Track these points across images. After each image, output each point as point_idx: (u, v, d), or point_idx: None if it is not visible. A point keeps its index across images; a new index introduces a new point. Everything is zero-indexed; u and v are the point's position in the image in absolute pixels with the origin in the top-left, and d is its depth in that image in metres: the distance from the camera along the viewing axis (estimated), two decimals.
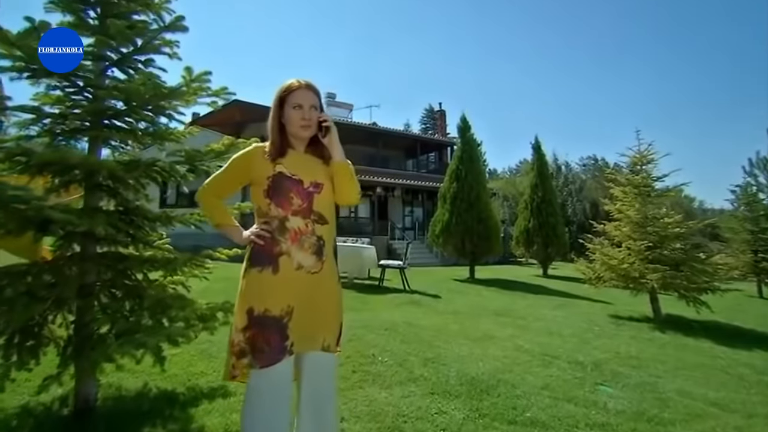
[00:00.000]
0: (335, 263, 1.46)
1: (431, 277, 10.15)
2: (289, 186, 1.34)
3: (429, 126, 51.23)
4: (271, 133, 1.41)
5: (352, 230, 16.09)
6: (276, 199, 1.33)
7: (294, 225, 1.32)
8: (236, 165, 1.43)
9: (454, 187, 10.14)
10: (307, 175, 1.38)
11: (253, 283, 1.31)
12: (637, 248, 5.58)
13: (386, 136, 20.21)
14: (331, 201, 1.44)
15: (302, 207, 1.34)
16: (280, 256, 1.30)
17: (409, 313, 5.35)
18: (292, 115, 1.37)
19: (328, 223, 1.39)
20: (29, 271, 1.64)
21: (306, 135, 1.39)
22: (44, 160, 1.58)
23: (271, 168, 1.35)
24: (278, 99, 1.39)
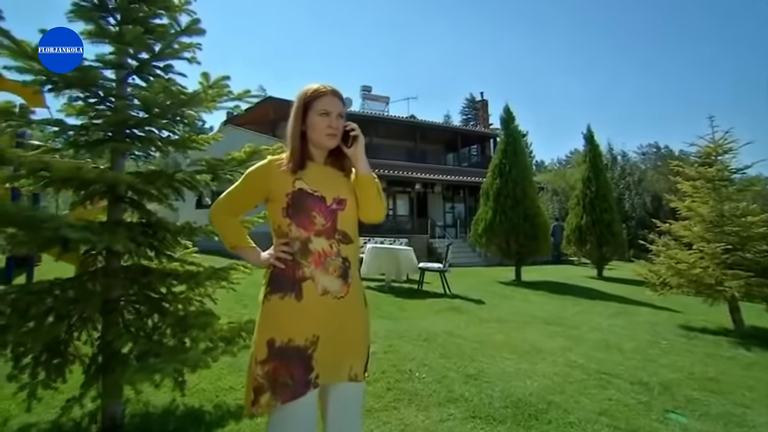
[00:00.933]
0: (361, 284, 1.37)
1: (474, 278, 9.84)
2: (310, 204, 1.26)
3: (470, 117, 50.08)
4: (291, 141, 1.31)
5: (391, 229, 15.98)
6: (297, 218, 1.25)
7: (317, 247, 1.24)
8: (251, 180, 1.34)
9: (498, 183, 9.73)
10: (330, 190, 1.29)
11: (275, 312, 1.24)
12: (711, 251, 5.01)
13: (425, 129, 19.90)
14: (355, 217, 1.34)
15: (326, 226, 1.26)
16: (304, 281, 1.22)
17: (450, 320, 5.15)
18: (318, 122, 1.28)
19: (352, 242, 1.31)
20: (51, 289, 1.64)
21: (331, 145, 1.31)
22: (62, 176, 1.57)
23: (289, 183, 1.27)
24: (302, 104, 1.30)
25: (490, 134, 21.41)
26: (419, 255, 14.84)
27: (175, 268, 2.14)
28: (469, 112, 52.64)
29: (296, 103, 1.32)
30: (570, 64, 73.60)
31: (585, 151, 11.84)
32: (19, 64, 1.62)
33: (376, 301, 6.09)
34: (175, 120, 2.01)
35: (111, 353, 1.74)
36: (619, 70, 72.92)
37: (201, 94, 1.88)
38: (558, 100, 77.00)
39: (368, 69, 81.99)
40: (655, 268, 5.82)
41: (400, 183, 17.44)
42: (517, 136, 10.21)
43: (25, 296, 1.54)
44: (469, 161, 22.44)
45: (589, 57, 73.99)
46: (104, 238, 1.60)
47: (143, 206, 2.09)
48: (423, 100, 77.41)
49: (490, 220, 9.63)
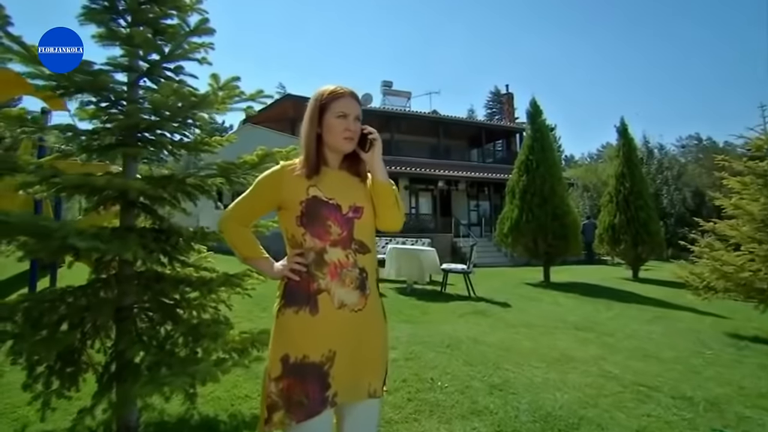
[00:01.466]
0: (379, 296, 1.33)
1: (500, 280, 9.63)
2: (326, 213, 1.22)
3: (495, 111, 49.28)
4: (305, 145, 1.27)
5: (413, 228, 15.88)
6: (311, 228, 1.22)
7: (333, 257, 1.21)
8: (263, 188, 1.31)
9: (524, 181, 9.47)
10: (346, 197, 1.25)
11: (289, 326, 1.21)
12: (764, 253, 4.68)
13: (448, 124, 19.67)
14: (372, 226, 1.31)
15: (342, 236, 1.22)
16: (319, 294, 1.20)
17: (474, 325, 5.03)
18: (335, 124, 1.25)
19: (369, 251, 1.27)
20: (63, 297, 1.66)
21: (348, 148, 1.27)
22: (71, 183, 1.57)
23: (303, 190, 1.23)
24: (318, 106, 1.26)
25: (516, 129, 20.96)
26: (443, 255, 14.77)
27: (188, 274, 2.14)
28: (493, 105, 51.84)
29: (312, 104, 1.28)
30: (601, 51, 71.18)
31: (618, 144, 11.37)
32: (30, 69, 1.64)
33: (398, 305, 6.02)
34: (186, 123, 2.00)
35: (124, 362, 1.74)
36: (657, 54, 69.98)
37: (211, 96, 1.85)
38: (588, 89, 74.62)
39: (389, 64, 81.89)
40: (698, 270, 5.50)
41: (423, 180, 17.31)
42: (544, 131, 9.90)
43: (37, 305, 1.55)
44: (494, 157, 22.05)
45: (623, 41, 71.33)
46: (114, 246, 1.59)
47: (155, 211, 2.09)
48: (446, 95, 76.74)
49: (516, 219, 9.38)
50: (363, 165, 1.32)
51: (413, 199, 17.74)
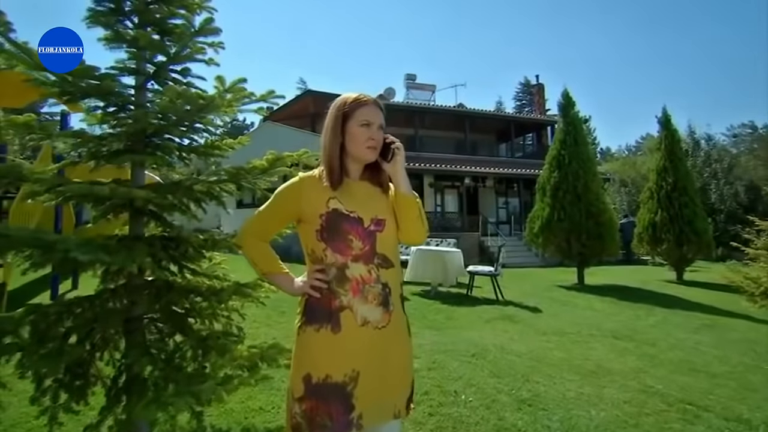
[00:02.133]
0: (403, 312, 1.33)
1: (530, 282, 9.37)
2: (347, 227, 1.22)
3: (525, 103, 48.26)
4: (328, 155, 1.26)
5: (438, 227, 15.73)
6: (332, 242, 1.22)
7: (355, 273, 1.21)
8: (281, 200, 1.31)
9: (556, 177, 9.15)
10: (367, 210, 1.25)
11: (310, 345, 1.21)
12: None
13: (474, 118, 19.34)
14: (395, 239, 1.31)
15: (364, 250, 1.22)
16: (341, 311, 1.20)
17: (502, 332, 4.87)
18: (358, 133, 1.25)
19: (393, 265, 1.27)
20: (71, 308, 1.66)
21: (371, 158, 1.27)
22: (76, 192, 1.57)
23: (323, 203, 1.23)
24: (341, 113, 1.26)
25: (546, 121, 20.39)
26: (470, 255, 14.65)
27: (199, 283, 2.12)
28: (523, 97, 50.80)
29: (334, 112, 1.28)
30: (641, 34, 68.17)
31: (660, 136, 10.82)
32: (36, 75, 1.64)
33: (421, 309, 5.93)
34: (194, 127, 1.98)
35: (131, 377, 1.73)
36: (703, 36, 66.42)
37: (217, 99, 1.82)
38: (626, 77, 71.69)
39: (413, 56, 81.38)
40: (754, 273, 5.14)
41: (449, 177, 17.12)
42: (577, 124, 9.54)
43: (43, 318, 1.56)
44: (524, 152, 21.55)
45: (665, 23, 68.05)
46: (119, 258, 1.58)
47: (165, 219, 2.08)
48: (472, 87, 75.53)
49: (547, 217, 9.09)
50: (385, 175, 1.31)
51: (438, 197, 17.58)
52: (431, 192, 17.14)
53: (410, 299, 6.62)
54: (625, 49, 71.43)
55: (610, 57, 73.80)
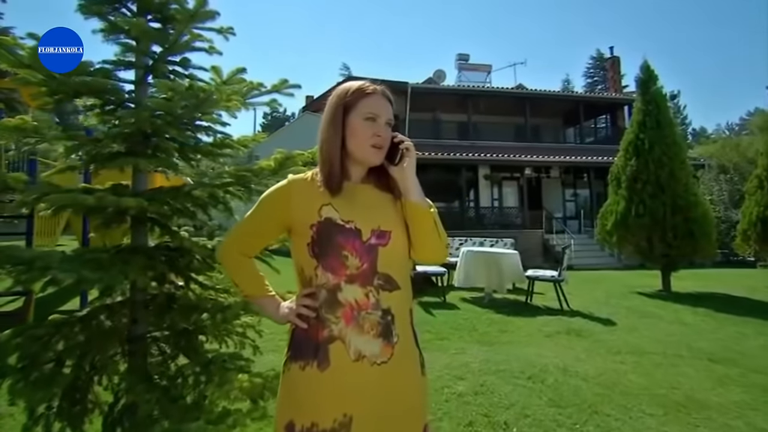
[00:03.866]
0: (414, 342, 1.20)
1: (603, 287, 8.73)
2: (340, 240, 1.10)
3: (598, 79, 45.68)
4: (325, 152, 1.15)
5: (496, 224, 15.25)
6: (324, 259, 1.11)
7: (349, 297, 1.09)
8: (267, 208, 1.20)
9: (633, 165, 8.40)
10: (368, 219, 1.13)
11: (295, 385, 1.10)
12: None
13: (536, 100, 18.49)
14: (404, 255, 1.18)
15: (361, 269, 1.10)
16: (330, 343, 1.08)
17: (566, 349, 4.50)
18: (361, 128, 1.14)
19: (399, 288, 1.14)
20: (60, 330, 1.63)
21: (375, 161, 1.16)
22: (61, 202, 1.53)
23: (314, 210, 1.12)
24: (341, 105, 1.15)
25: (623, 100, 19.04)
26: (532, 254, 14.08)
27: (205, 298, 2.06)
28: (595, 73, 48.15)
29: (333, 103, 1.17)
30: None
31: None
32: (21, 74, 1.62)
33: (471, 320, 5.67)
34: (195, 124, 1.91)
35: (128, 405, 1.69)
36: None
37: (214, 92, 1.72)
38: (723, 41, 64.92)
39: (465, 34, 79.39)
40: None
41: (507, 168, 16.53)
42: (660, 101, 8.68)
43: (31, 342, 1.54)
44: (596, 136, 20.32)
45: None
46: (108, 275, 1.53)
47: (168, 227, 2.03)
48: (533, 65, 72.24)
49: (623, 212, 8.38)
50: (393, 180, 1.19)
51: (495, 190, 17.04)
52: (487, 185, 16.64)
53: (459, 307, 6.39)
54: (721, 9, 64.68)
55: (701, 19, 67.29)
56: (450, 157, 15.21)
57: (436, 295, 6.94)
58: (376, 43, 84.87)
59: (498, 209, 16.59)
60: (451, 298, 6.98)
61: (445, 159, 15.19)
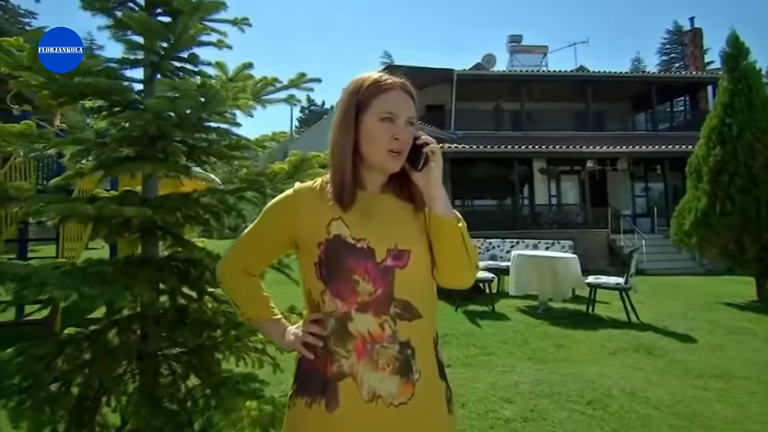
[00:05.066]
0: (440, 375, 1.13)
1: (681, 296, 8.19)
2: (351, 262, 1.03)
3: (675, 56, 43.11)
4: (337, 159, 1.08)
5: (553, 223, 14.73)
6: (332, 283, 1.05)
7: (361, 328, 1.03)
8: (273, 221, 1.15)
9: (718, 155, 7.76)
10: (384, 236, 1.06)
11: (300, 423, 1.06)
12: None
13: (600, 83, 17.64)
14: (426, 276, 1.11)
15: (374, 295, 1.03)
16: (340, 381, 1.03)
17: (634, 369, 4.21)
18: (377, 131, 1.06)
19: (420, 316, 1.06)
20: (63, 349, 1.66)
21: (393, 167, 1.08)
22: (62, 213, 1.55)
23: (322, 226, 1.05)
24: (353, 102, 1.08)
25: (705, 79, 17.78)
26: (596, 258, 13.49)
27: (219, 312, 2.05)
28: (671, 49, 45.47)
29: (345, 99, 1.10)
30: None
31: None
32: (22, 77, 1.66)
33: (523, 332, 5.45)
34: (204, 125, 1.89)
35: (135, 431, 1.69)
36: None
37: (220, 91, 1.69)
38: None
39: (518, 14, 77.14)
40: None
41: (566, 160, 15.94)
42: (752, 79, 7.96)
43: (32, 362, 1.56)
44: (672, 122, 19.13)
45: None
46: (109, 291, 1.53)
47: (180, 236, 2.04)
48: (597, 45, 68.85)
49: (704, 210, 7.78)
50: (415, 188, 1.11)
51: (552, 186, 16.50)
52: (543, 180, 16.12)
53: (510, 318, 6.18)
54: None
55: None
56: (501, 149, 14.81)
57: (484, 304, 6.75)
58: (420, 28, 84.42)
59: (556, 207, 16.02)
60: (500, 307, 6.77)
61: (495, 152, 14.84)
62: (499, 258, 8.51)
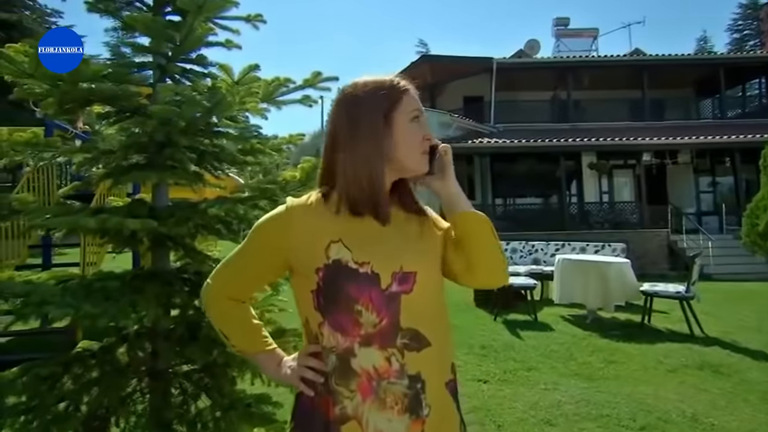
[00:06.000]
0: (455, 408, 1.09)
1: (754, 305, 7.76)
2: (353, 291, 0.98)
3: (749, 33, 40.78)
4: (367, 173, 1.02)
5: (605, 222, 14.22)
6: (331, 315, 1.00)
7: (366, 364, 0.98)
8: (262, 244, 1.08)
9: None
10: (389, 256, 1.01)
11: None
12: None
13: (658, 68, 16.98)
14: (435, 299, 1.08)
15: (379, 326, 0.98)
16: (344, 424, 0.99)
17: (697, 390, 3.99)
18: (411, 131, 1.05)
19: (430, 344, 1.02)
20: (69, 369, 1.69)
21: (426, 169, 1.08)
22: (64, 225, 1.59)
23: (321, 248, 1.00)
24: (378, 106, 1.04)
25: None
26: (654, 260, 13.01)
27: None
28: (744, 26, 43.02)
29: (366, 101, 1.05)
30: None
31: None
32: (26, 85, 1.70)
33: (569, 345, 5.28)
34: (214, 131, 1.90)
35: None
36: None
37: (226, 95, 1.68)
38: None
39: None
40: None
41: (619, 154, 15.47)
42: None
43: (36, 382, 1.60)
44: (743, 108, 18.22)
45: None
46: (113, 308, 1.55)
47: (191, 247, 2.06)
48: (654, 25, 65.94)
49: None
50: (409, 196, 1.12)
51: (604, 182, 16.02)
52: (593, 175, 15.66)
53: (554, 328, 6.01)
54: None
55: None
56: (546, 144, 14.51)
57: (526, 313, 6.58)
58: (456, 14, 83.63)
59: (608, 205, 15.52)
60: (544, 316, 6.60)
61: (539, 146, 14.55)
62: (543, 262, 8.28)
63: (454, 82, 17.60)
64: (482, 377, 4.23)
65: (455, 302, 7.33)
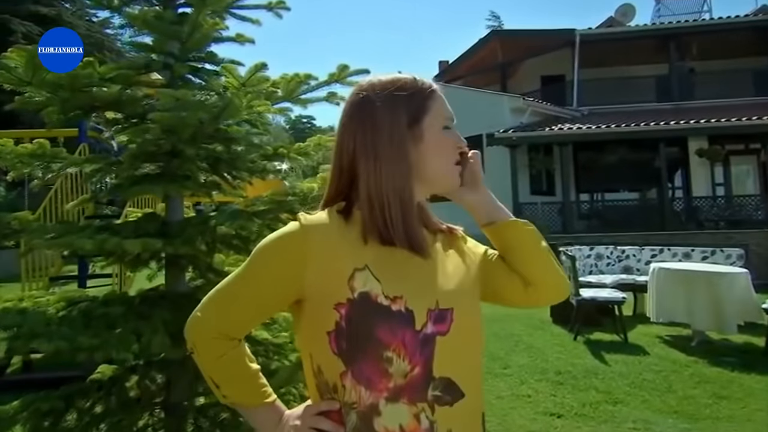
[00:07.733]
0: None
1: None
2: (384, 334, 0.89)
3: None
4: (395, 195, 0.97)
5: (720, 220, 13.27)
6: (355, 364, 0.91)
7: (391, 424, 0.90)
8: (266, 273, 0.99)
9: None
10: (423, 290, 0.95)
11: None
12: None
13: None
14: (472, 340, 1.01)
15: (410, 376, 0.91)
16: None
17: None
18: (444, 141, 1.04)
19: (464, 395, 0.95)
20: (72, 402, 1.73)
21: (459, 182, 1.07)
22: (62, 245, 1.63)
23: (343, 279, 0.91)
24: (405, 113, 1.01)
25: None
26: None
27: None
28: None
29: (388, 104, 1.00)
30: None
31: None
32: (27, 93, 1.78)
33: (666, 374, 4.94)
34: (223, 137, 1.90)
35: None
36: None
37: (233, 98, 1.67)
38: None
39: None
40: None
41: (737, 137, 14.42)
42: None
43: (38, 419, 1.65)
44: None
45: None
46: (113, 338, 1.57)
47: (207, 265, 2.08)
48: None
49: None
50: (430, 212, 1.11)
51: (717, 173, 14.98)
52: (702, 164, 14.60)
53: (649, 352, 5.65)
54: None
55: None
56: (642, 128, 13.64)
57: (613, 332, 6.22)
58: None
59: (723, 199, 14.46)
60: (636, 336, 6.22)
61: (634, 131, 13.70)
62: (635, 270, 7.77)
63: (530, 60, 17.11)
64: (556, 410, 4.03)
65: (527, 317, 7.10)
